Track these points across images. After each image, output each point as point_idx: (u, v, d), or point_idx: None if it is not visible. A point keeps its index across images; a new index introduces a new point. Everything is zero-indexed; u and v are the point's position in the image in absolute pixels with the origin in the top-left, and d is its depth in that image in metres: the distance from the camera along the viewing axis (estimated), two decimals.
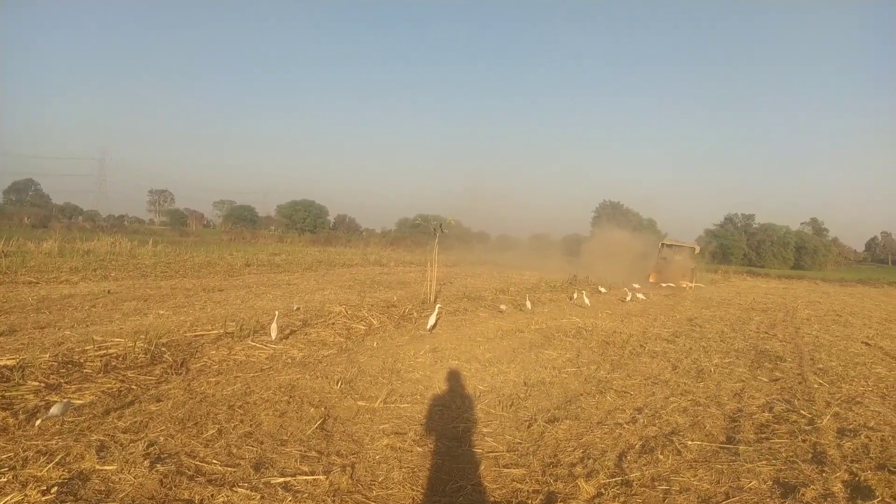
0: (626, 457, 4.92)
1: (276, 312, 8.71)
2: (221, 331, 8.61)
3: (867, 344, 12.39)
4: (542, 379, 7.63)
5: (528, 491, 4.27)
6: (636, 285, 22.58)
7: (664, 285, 26.35)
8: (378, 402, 6.10)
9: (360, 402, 6.05)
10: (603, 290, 20.38)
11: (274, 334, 8.24)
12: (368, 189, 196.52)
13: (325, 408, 5.79)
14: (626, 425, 5.82)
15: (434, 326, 10.39)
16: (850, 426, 6.07)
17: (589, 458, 4.85)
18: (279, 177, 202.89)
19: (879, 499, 4.19)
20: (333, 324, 9.95)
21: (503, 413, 6.13)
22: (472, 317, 12.49)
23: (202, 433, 4.86)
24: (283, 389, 6.24)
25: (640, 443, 5.28)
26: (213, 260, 23.57)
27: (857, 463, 4.94)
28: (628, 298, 18.63)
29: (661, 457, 4.91)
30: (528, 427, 5.68)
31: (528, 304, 14.55)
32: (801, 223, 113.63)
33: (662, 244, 32.30)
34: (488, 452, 5.01)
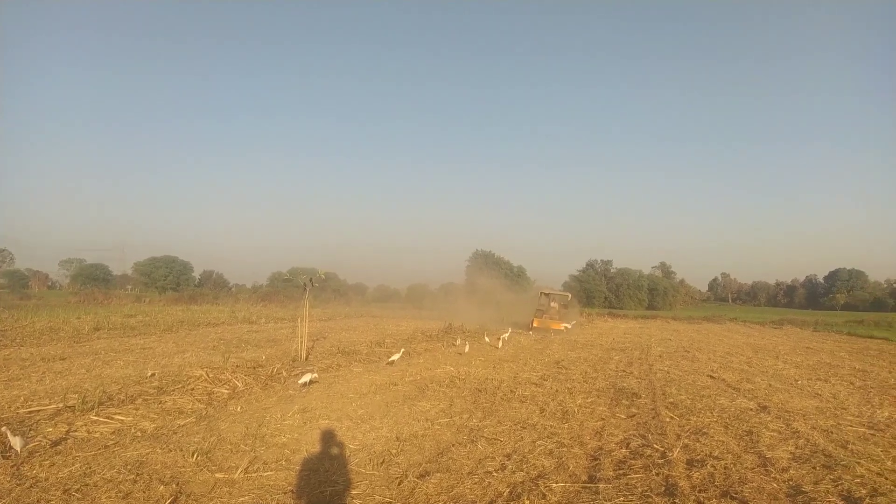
0: None
1: (4, 428, 6.23)
2: (61, 405, 7.76)
3: (712, 377, 13.60)
4: (414, 432, 7.56)
5: None
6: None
7: (536, 328, 28.35)
8: (238, 472, 5.69)
9: (217, 475, 5.61)
10: (504, 336, 21.04)
11: (18, 447, 5.92)
12: (238, 244, 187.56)
13: (178, 484, 5.30)
14: (495, 473, 5.88)
15: (308, 384, 10.11)
16: (698, 457, 6.58)
17: None
18: (137, 232, 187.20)
19: None
20: (193, 389, 9.26)
21: (374, 472, 5.96)
22: (346, 372, 12.19)
23: None
24: (129, 467, 5.65)
25: (508, 490, 5.36)
26: (57, 325, 21.22)
27: (704, 492, 5.34)
28: (500, 345, 19.16)
29: (527, 502, 5.00)
30: (399, 484, 5.57)
31: (466, 348, 16.84)
32: (653, 267, 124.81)
33: (542, 293, 34.10)
34: None
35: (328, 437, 7.05)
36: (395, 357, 13.82)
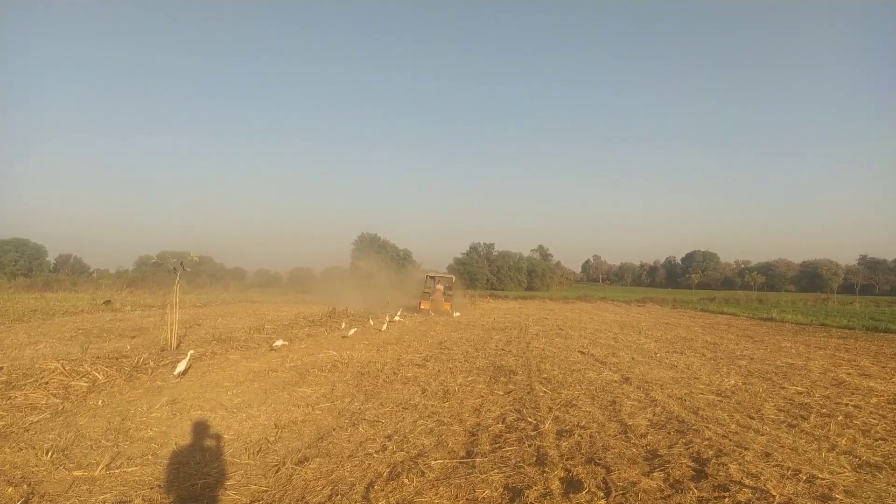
0: (374, 486, 4.98)
1: None
2: None
3: (582, 352, 14.49)
4: (294, 419, 7.41)
5: None
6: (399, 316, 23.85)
7: (423, 310, 29.38)
8: (99, 469, 5.29)
9: (75, 473, 5.19)
10: (396, 317, 21.01)
11: None
12: (101, 224, 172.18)
13: (29, 485, 4.85)
14: (375, 454, 5.92)
15: (185, 372, 9.67)
16: (567, 427, 7.00)
17: (337, 495, 4.81)
18: None
19: (587, 490, 4.86)
20: (47, 383, 8.46)
21: (250, 461, 5.79)
22: (222, 360, 11.69)
23: None
24: None
25: (388, 470, 5.41)
26: None
27: (571, 460, 5.70)
28: (384, 327, 19.22)
29: (406, 481, 5.09)
30: (276, 472, 5.45)
31: (350, 331, 16.86)
32: (532, 249, 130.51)
33: (427, 276, 34.57)
34: None
35: (200, 429, 6.75)
36: (279, 342, 13.48)
